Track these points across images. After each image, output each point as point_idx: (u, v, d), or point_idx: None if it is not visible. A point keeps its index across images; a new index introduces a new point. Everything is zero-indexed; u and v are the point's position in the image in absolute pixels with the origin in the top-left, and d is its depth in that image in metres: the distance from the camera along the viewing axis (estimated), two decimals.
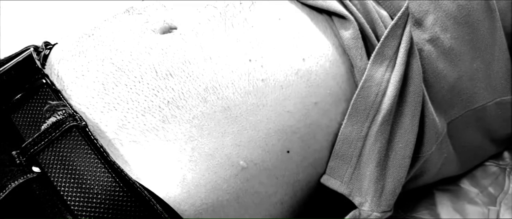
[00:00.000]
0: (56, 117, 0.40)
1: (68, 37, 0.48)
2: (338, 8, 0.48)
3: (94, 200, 0.37)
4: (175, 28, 0.46)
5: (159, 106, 0.41)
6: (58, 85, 0.43)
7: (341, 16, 0.48)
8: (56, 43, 0.50)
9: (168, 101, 0.41)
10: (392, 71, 0.46)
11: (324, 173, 0.47)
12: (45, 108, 0.40)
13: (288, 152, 0.43)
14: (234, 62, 0.43)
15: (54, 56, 0.46)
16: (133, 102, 0.41)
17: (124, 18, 0.48)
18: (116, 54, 0.44)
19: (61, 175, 0.37)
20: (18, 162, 0.38)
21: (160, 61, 0.43)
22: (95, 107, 0.41)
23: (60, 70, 0.44)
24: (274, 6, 0.48)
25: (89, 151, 0.38)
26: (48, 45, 0.49)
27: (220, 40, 0.44)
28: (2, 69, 0.43)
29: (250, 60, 0.43)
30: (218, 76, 0.42)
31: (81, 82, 0.43)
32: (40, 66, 0.43)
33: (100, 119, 0.41)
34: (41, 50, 0.48)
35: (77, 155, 0.38)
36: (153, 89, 0.41)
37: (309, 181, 0.46)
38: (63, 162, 0.38)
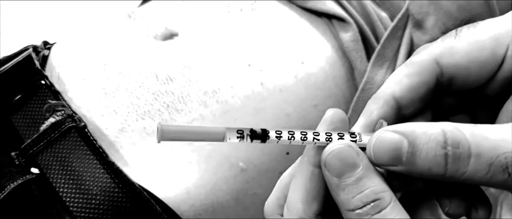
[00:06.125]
0: (55, 118, 0.40)
1: (69, 40, 0.48)
2: (338, 10, 0.48)
3: (93, 201, 0.37)
4: (176, 35, 0.46)
5: (159, 110, 0.41)
6: (59, 89, 0.43)
7: (340, 19, 0.48)
8: (55, 42, 0.50)
9: (168, 105, 0.41)
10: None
11: None
12: (44, 107, 0.40)
13: (287, 153, 0.43)
14: (234, 67, 0.43)
15: (55, 59, 0.46)
16: (133, 106, 0.41)
17: (126, 23, 0.48)
18: (118, 59, 0.44)
19: (60, 176, 0.37)
20: (17, 163, 0.38)
21: (161, 66, 0.43)
22: (96, 111, 0.41)
23: (61, 73, 0.44)
24: (273, 11, 0.48)
25: (88, 152, 0.38)
26: (47, 45, 0.49)
27: (220, 46, 0.45)
28: (1, 70, 0.43)
29: (249, 65, 0.43)
30: (217, 80, 0.42)
31: (81, 86, 0.43)
32: (39, 67, 0.43)
33: (101, 122, 0.41)
34: (41, 50, 0.47)
35: (76, 156, 0.38)
36: (153, 94, 0.42)
37: None
38: (62, 163, 0.38)
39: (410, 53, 0.47)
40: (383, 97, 0.27)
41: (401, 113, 0.27)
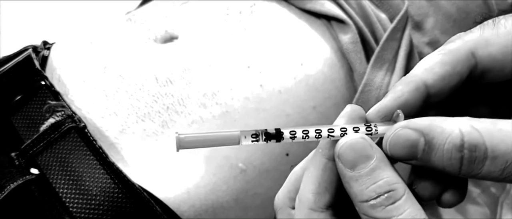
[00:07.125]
0: (55, 118, 0.40)
1: (69, 42, 0.48)
2: (337, 12, 0.48)
3: (93, 202, 0.37)
4: (176, 37, 0.46)
5: (159, 112, 0.41)
6: (59, 90, 0.43)
7: (339, 20, 0.48)
8: (54, 42, 0.50)
9: (168, 107, 0.41)
10: (392, 75, 0.46)
11: None
12: (44, 108, 0.40)
13: (287, 155, 0.43)
14: (233, 69, 0.43)
15: (55, 61, 0.46)
16: (133, 108, 0.41)
17: (126, 26, 0.48)
18: (118, 62, 0.44)
19: (59, 177, 0.38)
20: (17, 163, 0.38)
21: (161, 69, 0.43)
22: (96, 113, 0.41)
23: (61, 75, 0.44)
24: (272, 13, 0.48)
25: (88, 153, 0.38)
26: (46, 45, 0.49)
27: (219, 48, 0.45)
28: (1, 71, 0.43)
29: (248, 67, 0.44)
30: (217, 82, 0.43)
31: (82, 88, 0.43)
32: (39, 68, 0.43)
33: (101, 124, 0.41)
34: (40, 50, 0.47)
35: (75, 156, 0.38)
36: (153, 96, 0.42)
37: None
38: (62, 164, 0.38)
39: (409, 54, 0.47)
40: (415, 82, 0.26)
41: (428, 100, 0.26)
